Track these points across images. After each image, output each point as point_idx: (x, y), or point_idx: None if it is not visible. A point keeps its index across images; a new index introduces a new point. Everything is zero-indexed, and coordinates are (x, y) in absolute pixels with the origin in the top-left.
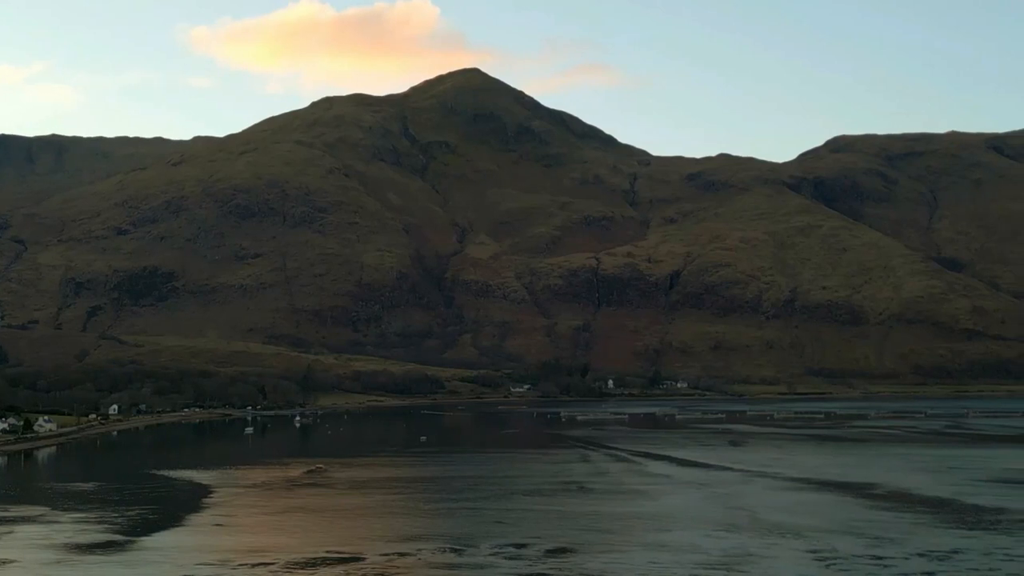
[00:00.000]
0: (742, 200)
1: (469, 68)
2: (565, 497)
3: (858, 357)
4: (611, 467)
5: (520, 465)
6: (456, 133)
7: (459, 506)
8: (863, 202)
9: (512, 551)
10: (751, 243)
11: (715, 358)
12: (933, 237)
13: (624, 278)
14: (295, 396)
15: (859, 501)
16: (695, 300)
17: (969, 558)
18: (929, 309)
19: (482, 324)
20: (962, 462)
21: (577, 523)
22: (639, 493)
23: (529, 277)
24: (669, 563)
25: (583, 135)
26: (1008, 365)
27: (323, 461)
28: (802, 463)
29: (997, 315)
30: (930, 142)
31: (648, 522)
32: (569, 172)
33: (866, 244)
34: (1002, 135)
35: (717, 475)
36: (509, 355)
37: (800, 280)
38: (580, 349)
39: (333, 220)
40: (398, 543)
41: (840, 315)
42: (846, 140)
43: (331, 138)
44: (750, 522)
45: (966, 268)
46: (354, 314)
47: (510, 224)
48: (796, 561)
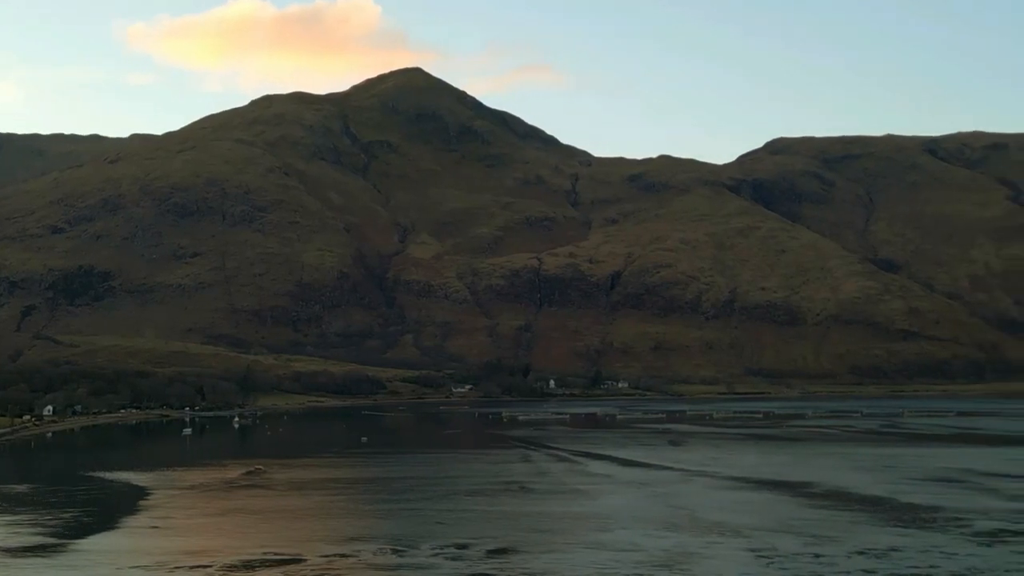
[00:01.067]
0: (682, 201)
1: (411, 67)
2: (507, 497)
3: (796, 357)
4: (552, 467)
5: (461, 465)
6: (398, 132)
7: (400, 507)
8: (801, 204)
9: (454, 551)
10: (691, 244)
11: (655, 358)
12: (869, 239)
13: (566, 279)
14: (234, 397)
15: (797, 500)
16: (636, 301)
17: (907, 556)
18: (865, 310)
19: (424, 324)
20: (897, 461)
21: (519, 523)
22: (580, 493)
23: (471, 277)
24: (611, 562)
25: (525, 135)
26: (942, 365)
27: (262, 462)
28: (741, 462)
29: (931, 316)
30: (867, 145)
31: (589, 522)
32: (511, 172)
33: (804, 245)
34: (937, 138)
35: (657, 474)
36: (451, 355)
37: (739, 281)
38: (522, 349)
39: (273, 219)
40: (338, 544)
41: (778, 316)
42: (785, 142)
43: (271, 137)
44: (690, 521)
45: (902, 269)
46: (294, 314)
47: (452, 224)
48: (737, 560)
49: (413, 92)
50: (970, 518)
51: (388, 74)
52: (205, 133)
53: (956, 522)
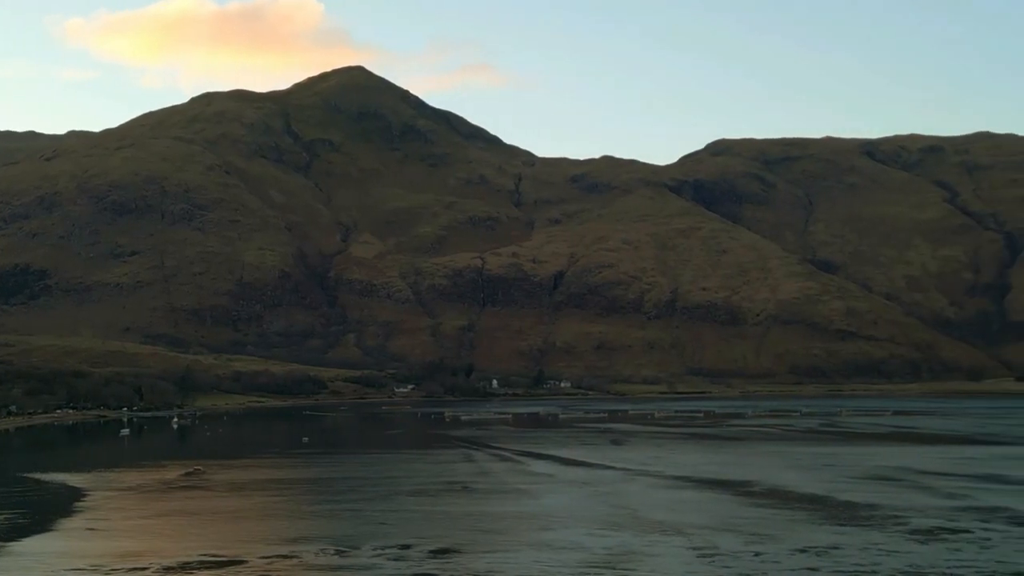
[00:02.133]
0: (625, 202)
1: (353, 66)
2: (449, 497)
3: (736, 357)
4: (495, 467)
5: (404, 465)
6: (340, 131)
7: (342, 507)
8: (742, 205)
9: (396, 552)
10: (633, 244)
11: (598, 358)
12: (808, 240)
13: (509, 278)
14: (173, 397)
15: (737, 498)
16: (579, 300)
17: (848, 553)
18: (804, 310)
19: (366, 324)
20: (835, 459)
21: (461, 523)
22: (523, 492)
23: (414, 277)
24: (554, 562)
25: (468, 135)
26: (879, 365)
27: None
28: (682, 461)
29: (869, 316)
30: (806, 147)
31: (532, 521)
32: (454, 172)
33: (744, 246)
34: (874, 140)
35: (599, 474)
36: (393, 355)
37: (681, 281)
38: (465, 349)
39: (213, 218)
40: (279, 545)
41: (719, 315)
42: (726, 144)
43: (211, 134)
44: (632, 520)
45: (840, 270)
46: (234, 313)
47: (395, 223)
48: (679, 558)
49: (356, 91)
50: (907, 516)
51: (330, 72)
52: (144, 131)
53: (893, 520)
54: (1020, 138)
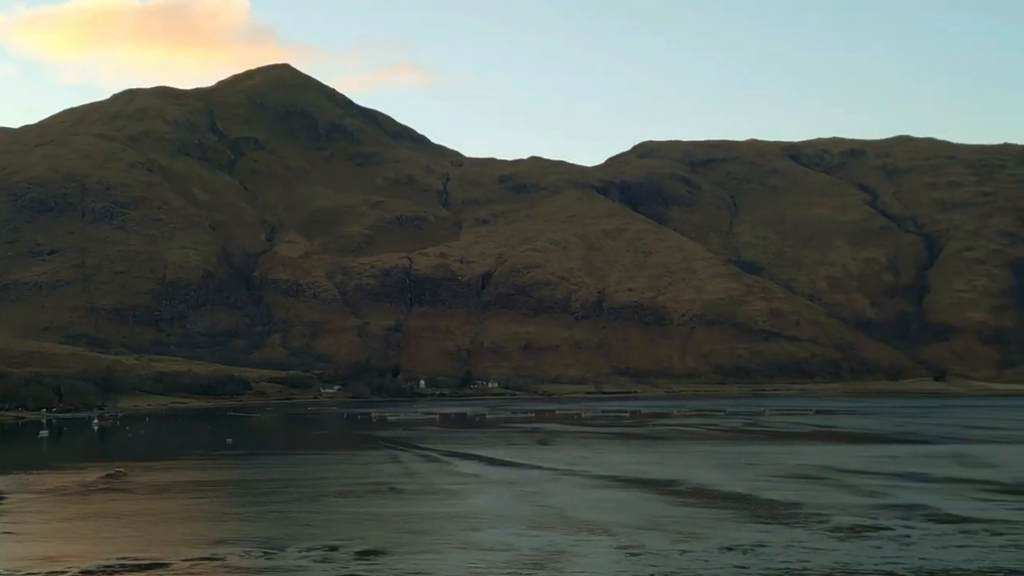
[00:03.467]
0: (552, 202)
1: (279, 64)
2: (376, 498)
3: (662, 357)
4: (422, 467)
5: (330, 467)
6: (266, 129)
7: (267, 509)
8: (668, 206)
9: (322, 553)
10: (561, 245)
11: (525, 358)
12: (733, 241)
13: (436, 278)
14: (93, 398)
15: (663, 497)
16: (506, 301)
17: (774, 551)
18: (729, 311)
19: (291, 324)
20: (759, 458)
21: (389, 524)
22: (450, 493)
23: (340, 276)
24: (482, 562)
25: (396, 135)
26: (802, 364)
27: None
28: (608, 461)
29: (792, 317)
30: (731, 149)
31: (459, 522)
32: (382, 171)
33: (670, 247)
34: (797, 144)
35: (526, 473)
36: (319, 355)
37: (608, 282)
38: (392, 349)
39: (135, 216)
40: (203, 547)
41: (645, 316)
42: (652, 145)
43: (133, 131)
44: (559, 520)
45: (763, 271)
46: (157, 313)
47: (321, 223)
48: (607, 557)
49: (281, 88)
50: (829, 514)
51: (256, 70)
52: (64, 127)
53: (816, 518)
54: (939, 142)
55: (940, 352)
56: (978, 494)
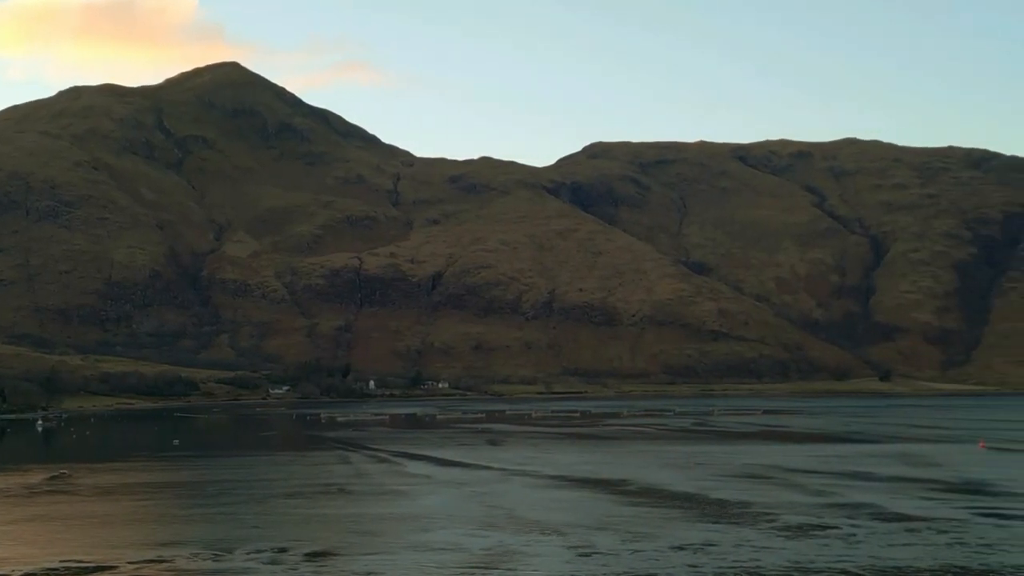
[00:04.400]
0: (503, 203)
1: (228, 62)
2: (325, 499)
3: (612, 357)
4: (371, 468)
5: (278, 468)
6: (214, 128)
7: (214, 511)
8: (618, 207)
9: (271, 555)
10: (511, 245)
11: (476, 358)
12: (682, 242)
13: (386, 279)
14: (37, 398)
15: (613, 497)
16: (457, 301)
17: (724, 550)
18: (678, 311)
19: (240, 324)
20: (708, 458)
21: (338, 526)
22: (400, 493)
23: (289, 276)
24: (433, 563)
25: (346, 134)
26: (750, 365)
27: (68, 466)
28: (558, 461)
29: (740, 317)
30: (680, 151)
31: (409, 522)
32: (332, 171)
33: (620, 248)
34: (746, 145)
35: (476, 474)
36: (268, 356)
37: (558, 282)
38: (341, 350)
39: (81, 215)
40: (150, 550)
41: (595, 316)
42: (602, 147)
43: (79, 129)
44: (509, 520)
45: (712, 272)
46: (103, 313)
47: (270, 222)
48: (558, 557)
49: (230, 87)
50: (777, 513)
51: (204, 68)
52: (8, 125)
53: (764, 517)
54: (884, 145)
55: (885, 352)
56: (923, 493)
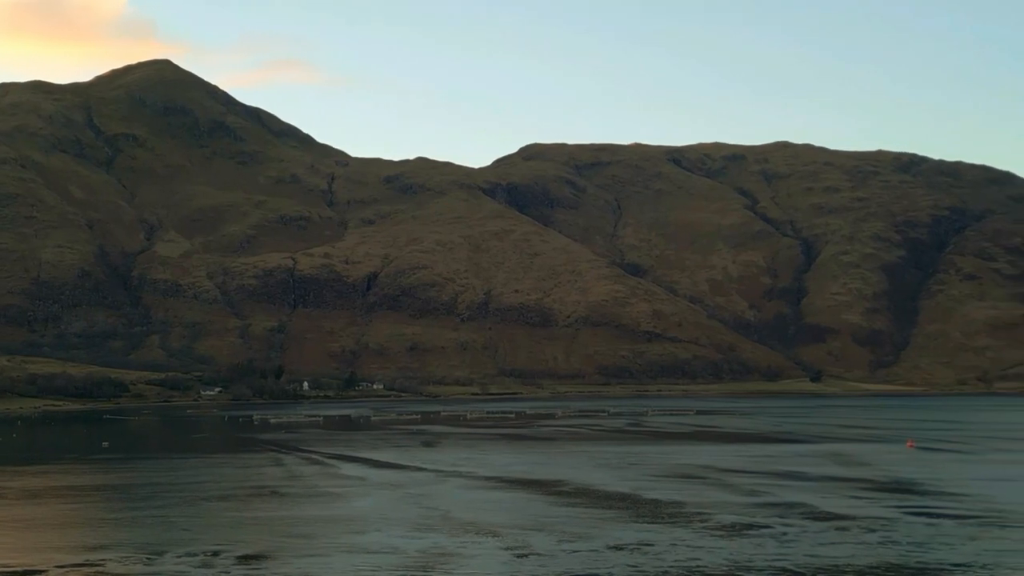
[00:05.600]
0: (439, 203)
1: (160, 59)
2: (258, 502)
3: (547, 358)
4: (305, 470)
5: (210, 470)
6: (145, 126)
7: (145, 514)
8: (553, 208)
9: (204, 558)
10: (447, 246)
11: (411, 359)
12: (617, 243)
13: (321, 279)
14: None
15: (548, 498)
16: (392, 302)
17: (660, 550)
18: (613, 312)
19: (171, 325)
20: (642, 458)
21: (272, 528)
22: (334, 496)
23: (222, 277)
24: (368, 565)
25: (280, 133)
26: (683, 366)
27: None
28: (493, 462)
29: (674, 318)
30: (615, 153)
31: (344, 525)
32: (265, 170)
33: (556, 249)
34: (680, 148)
35: (411, 476)
36: (200, 357)
37: (494, 283)
38: (275, 351)
39: (7, 214)
40: (79, 554)
41: (531, 317)
42: (538, 148)
43: (6, 127)
44: (444, 521)
45: (647, 273)
46: (30, 313)
47: (202, 222)
48: (495, 558)
49: (162, 85)
50: (710, 512)
51: (135, 65)
52: None
53: (698, 516)
54: (816, 148)
55: (816, 353)
56: (853, 492)
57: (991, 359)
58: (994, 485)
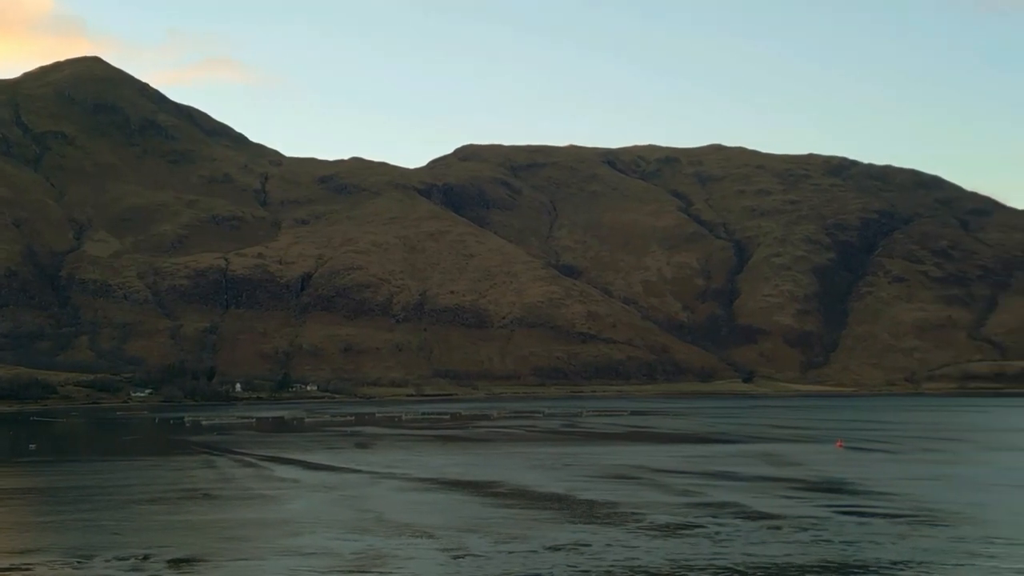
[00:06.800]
0: (374, 204)
1: (89, 56)
2: (190, 505)
3: (483, 359)
4: (238, 472)
5: (140, 473)
6: (74, 124)
7: (74, 517)
8: (489, 210)
9: (134, 562)
10: (382, 247)
11: (345, 360)
12: (553, 245)
13: (254, 280)
14: None
15: (484, 499)
16: (326, 303)
17: (596, 550)
18: (548, 313)
19: (101, 326)
20: (576, 459)
21: (203, 531)
22: (267, 498)
23: (153, 277)
24: (303, 568)
25: (212, 132)
26: (617, 367)
27: None
28: (428, 463)
29: (609, 320)
30: (551, 154)
31: (278, 527)
32: (197, 169)
33: (492, 250)
34: (615, 150)
35: (345, 477)
36: (130, 358)
37: (429, 284)
38: (207, 352)
39: None
40: (6, 558)
41: (466, 319)
42: (474, 149)
43: None
44: (379, 523)
45: (582, 275)
46: None
47: (133, 221)
48: (432, 560)
49: (91, 82)
50: (644, 513)
51: (64, 62)
52: None
53: (633, 517)
54: (749, 151)
55: (748, 354)
56: (785, 492)
57: (919, 360)
58: (922, 484)
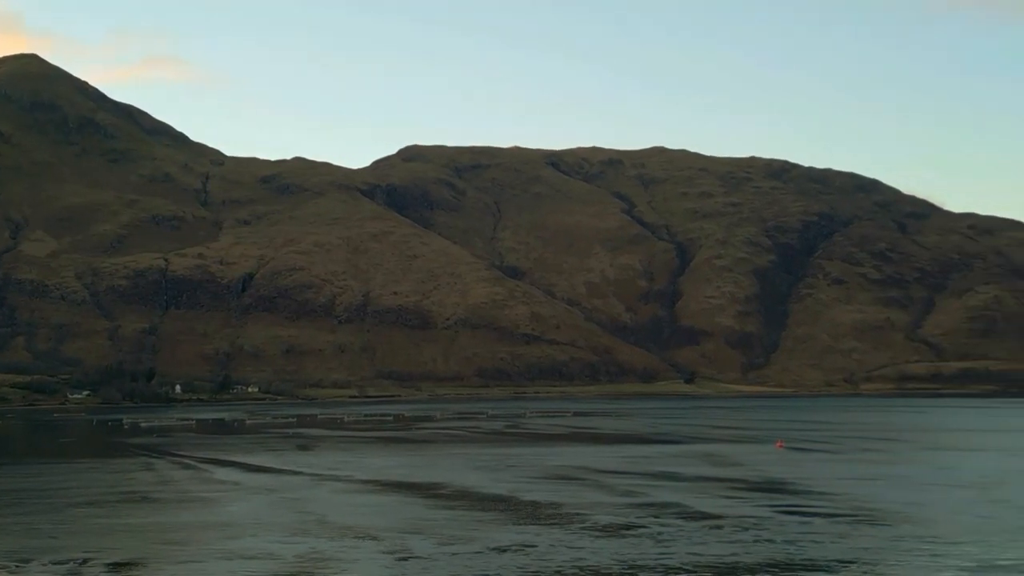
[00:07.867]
0: (317, 204)
1: (27, 53)
2: (128, 508)
3: (426, 360)
4: (177, 475)
5: (77, 476)
6: (10, 122)
7: (9, 520)
8: (433, 211)
9: (72, 566)
10: (325, 248)
11: (287, 362)
12: (496, 246)
13: (194, 280)
14: None
15: (427, 501)
16: (268, 303)
17: (541, 551)
18: (492, 315)
19: (37, 326)
20: (520, 460)
21: (142, 535)
22: (207, 501)
23: (91, 277)
24: (244, 571)
25: (153, 131)
26: (561, 368)
27: None
28: (371, 465)
29: (552, 321)
30: (495, 156)
31: (218, 530)
32: (137, 169)
33: (435, 251)
34: (559, 152)
35: (286, 480)
36: (67, 359)
37: (372, 285)
38: (146, 353)
39: None
40: None
41: (410, 320)
42: (417, 150)
43: None
44: (321, 526)
45: (525, 276)
46: None
47: (71, 221)
48: (376, 562)
49: (28, 79)
50: (588, 513)
51: (0, 59)
52: None
53: (576, 517)
54: (691, 154)
55: (690, 355)
56: (726, 492)
57: (857, 361)
58: (862, 484)
